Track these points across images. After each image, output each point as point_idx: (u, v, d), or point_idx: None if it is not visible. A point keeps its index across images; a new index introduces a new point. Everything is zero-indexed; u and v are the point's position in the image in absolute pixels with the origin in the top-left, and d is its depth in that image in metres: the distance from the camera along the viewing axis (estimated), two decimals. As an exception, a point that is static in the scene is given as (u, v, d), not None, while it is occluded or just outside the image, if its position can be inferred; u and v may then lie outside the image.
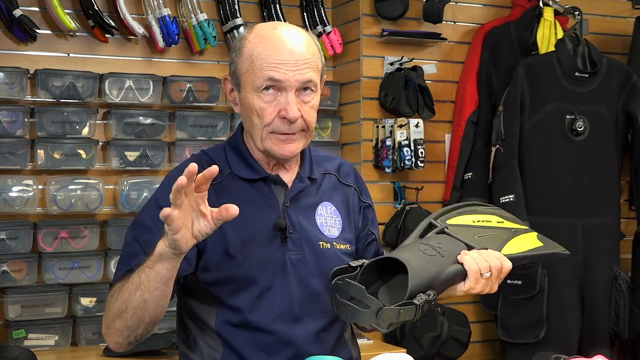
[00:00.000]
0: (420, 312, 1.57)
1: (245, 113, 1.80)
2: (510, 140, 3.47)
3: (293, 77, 1.73)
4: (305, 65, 1.74)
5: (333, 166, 1.96)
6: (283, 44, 1.74)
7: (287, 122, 1.74)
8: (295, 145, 1.78)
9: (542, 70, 3.50)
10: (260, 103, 1.74)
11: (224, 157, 1.85)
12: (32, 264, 3.12)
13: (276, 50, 1.73)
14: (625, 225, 3.73)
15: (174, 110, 3.37)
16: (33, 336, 3.10)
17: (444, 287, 1.68)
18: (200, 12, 3.37)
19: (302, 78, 1.74)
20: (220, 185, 1.78)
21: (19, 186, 3.11)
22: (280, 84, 1.73)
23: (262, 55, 1.73)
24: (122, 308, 1.70)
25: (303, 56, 1.74)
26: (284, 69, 1.72)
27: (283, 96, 1.74)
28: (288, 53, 1.73)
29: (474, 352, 3.71)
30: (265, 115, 1.74)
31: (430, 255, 1.66)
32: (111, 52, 3.34)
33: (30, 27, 3.12)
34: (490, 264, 1.72)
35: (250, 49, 1.76)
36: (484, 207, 1.98)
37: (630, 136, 3.63)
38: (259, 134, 1.77)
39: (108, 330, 1.77)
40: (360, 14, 3.57)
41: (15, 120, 3.11)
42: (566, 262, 3.44)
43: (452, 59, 3.76)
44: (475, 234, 1.80)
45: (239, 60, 1.79)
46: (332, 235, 1.86)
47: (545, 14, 3.61)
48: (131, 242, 1.76)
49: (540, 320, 3.39)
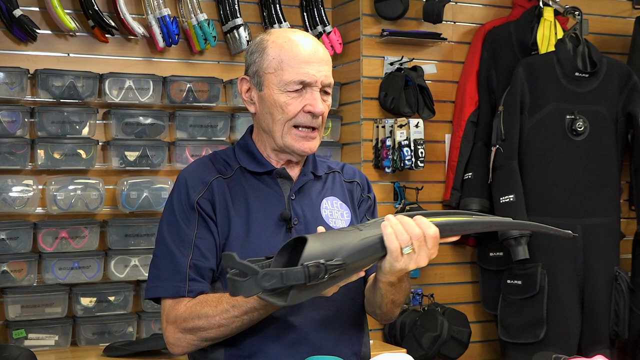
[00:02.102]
0: (316, 277, 1.48)
1: (265, 110, 1.90)
2: (510, 140, 3.47)
3: (319, 77, 1.86)
4: (327, 67, 1.89)
5: (337, 166, 2.07)
6: (307, 46, 1.88)
7: (311, 116, 1.86)
8: (314, 142, 1.90)
9: (542, 70, 3.50)
10: (286, 99, 1.86)
11: (233, 155, 1.96)
12: (32, 264, 3.12)
13: (302, 51, 1.87)
14: (625, 225, 3.73)
15: (174, 110, 3.37)
16: (33, 336, 3.10)
17: (360, 257, 1.58)
18: (200, 12, 3.37)
19: (326, 79, 1.88)
20: (230, 178, 1.90)
21: (19, 186, 3.11)
22: (308, 83, 1.85)
23: (290, 55, 1.86)
24: (222, 337, 1.79)
25: (324, 58, 1.89)
26: (311, 69, 1.85)
27: (308, 93, 1.86)
28: (313, 54, 1.87)
29: (474, 352, 3.71)
30: (290, 110, 1.86)
31: (346, 231, 1.62)
32: (111, 52, 3.35)
33: (30, 27, 3.12)
34: (411, 233, 1.63)
35: (277, 50, 1.88)
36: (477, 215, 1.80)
37: (630, 136, 3.63)
38: (280, 130, 1.88)
39: (186, 345, 1.84)
40: (360, 14, 3.57)
41: (15, 120, 3.11)
42: (566, 262, 3.45)
43: (452, 59, 3.77)
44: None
45: (262, 61, 1.89)
46: (338, 227, 1.91)
47: (545, 14, 3.61)
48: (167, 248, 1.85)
49: (540, 320, 3.39)
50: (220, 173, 1.90)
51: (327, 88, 1.89)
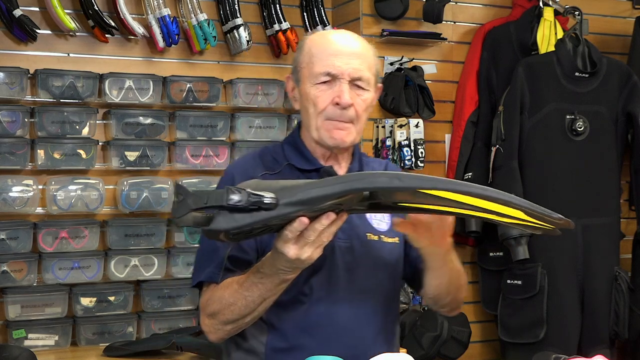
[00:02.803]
0: (237, 202, 1.47)
1: (303, 105, 1.93)
2: (510, 140, 3.47)
3: (346, 69, 1.86)
4: (358, 61, 1.88)
5: (381, 166, 2.07)
6: (340, 40, 1.91)
7: (340, 109, 1.87)
8: (345, 133, 1.89)
9: (542, 70, 3.50)
10: (316, 91, 1.88)
11: (281, 151, 1.97)
12: (32, 264, 3.12)
13: (333, 45, 1.90)
14: (625, 225, 3.73)
15: (174, 110, 3.37)
16: (33, 336, 3.10)
17: (299, 203, 1.51)
18: (200, 12, 3.37)
19: (355, 72, 1.87)
20: (278, 174, 1.91)
21: (19, 186, 3.11)
22: (334, 75, 1.87)
23: (320, 48, 1.90)
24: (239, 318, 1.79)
25: (357, 51, 1.90)
26: (338, 61, 1.87)
27: (337, 85, 1.87)
28: (344, 47, 1.89)
29: (474, 352, 3.71)
30: (319, 103, 1.88)
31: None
32: (111, 52, 3.34)
33: (30, 27, 3.12)
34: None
35: (310, 45, 1.93)
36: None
37: (630, 136, 3.63)
38: (315, 123, 1.89)
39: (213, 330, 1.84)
40: (360, 14, 3.57)
41: (15, 120, 3.11)
42: (566, 262, 3.45)
43: (452, 59, 3.76)
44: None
45: (299, 56, 1.95)
46: (381, 228, 1.94)
47: (545, 14, 3.61)
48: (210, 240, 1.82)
49: (540, 320, 3.39)
50: (267, 169, 1.91)
51: (359, 82, 1.88)
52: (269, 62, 3.62)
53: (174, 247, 3.34)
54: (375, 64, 1.95)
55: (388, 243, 1.94)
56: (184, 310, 3.34)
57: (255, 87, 3.49)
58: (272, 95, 3.52)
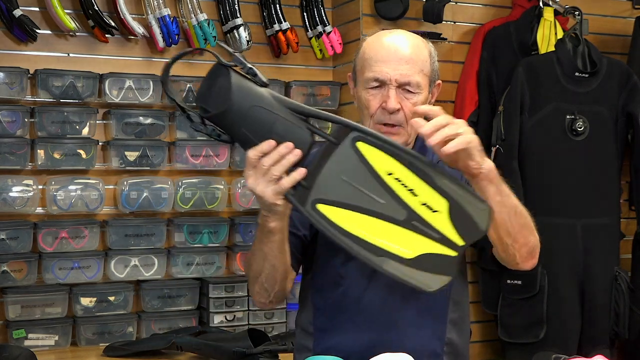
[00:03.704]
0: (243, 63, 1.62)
1: (359, 106, 2.04)
2: (510, 140, 3.47)
3: (393, 75, 1.93)
4: (406, 66, 1.94)
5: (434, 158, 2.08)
6: (390, 45, 1.97)
7: (387, 113, 1.93)
8: (395, 137, 1.93)
9: (542, 70, 3.50)
10: (367, 95, 1.97)
11: None
12: (32, 264, 3.12)
13: (382, 49, 1.96)
14: (625, 225, 3.73)
15: (174, 110, 3.37)
16: (33, 336, 3.10)
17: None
18: (200, 12, 3.37)
19: (402, 78, 1.93)
20: None
21: (19, 186, 3.12)
22: (382, 80, 1.94)
23: (372, 54, 1.97)
24: (256, 275, 1.89)
25: (405, 56, 1.95)
26: (386, 67, 1.93)
27: (385, 90, 1.94)
28: (392, 53, 1.95)
29: (474, 352, 3.71)
30: (370, 107, 1.96)
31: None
32: (111, 52, 3.34)
33: (30, 27, 3.12)
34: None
35: (365, 48, 2.01)
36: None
37: (630, 136, 3.63)
38: (368, 125, 1.96)
39: (253, 294, 1.97)
40: (360, 14, 3.57)
41: (15, 120, 3.11)
42: (566, 262, 3.45)
43: (452, 59, 3.76)
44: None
45: (356, 59, 2.04)
46: None
47: (545, 14, 3.61)
48: None
49: (540, 320, 3.39)
50: None
51: (408, 87, 1.93)
52: (269, 62, 3.62)
53: (174, 247, 3.35)
54: (431, 62, 2.00)
55: None
56: (184, 310, 3.34)
57: (255, 87, 3.48)
58: (272, 95, 3.52)
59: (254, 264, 1.87)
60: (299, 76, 3.63)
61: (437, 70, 2.06)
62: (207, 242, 3.37)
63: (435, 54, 2.05)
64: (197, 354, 3.00)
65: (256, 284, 1.90)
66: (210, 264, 3.38)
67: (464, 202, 1.60)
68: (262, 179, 1.62)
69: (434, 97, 2.08)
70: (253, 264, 1.88)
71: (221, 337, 3.08)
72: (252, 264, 1.88)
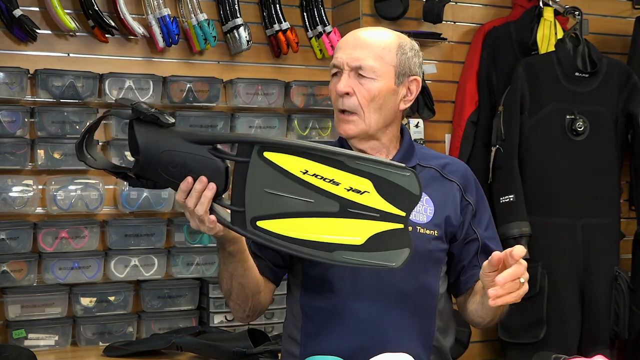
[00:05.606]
0: (140, 111, 1.61)
1: None
2: (510, 140, 3.47)
3: (346, 59, 1.90)
4: (360, 50, 1.90)
5: (438, 163, 2.06)
6: (351, 34, 1.95)
7: (342, 99, 1.91)
8: (350, 126, 1.92)
9: (542, 70, 3.50)
10: (330, 85, 1.96)
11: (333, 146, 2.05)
12: (32, 264, 3.12)
13: (344, 39, 1.96)
14: (625, 225, 3.73)
15: (174, 110, 3.37)
16: (33, 336, 3.10)
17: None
18: (200, 12, 3.37)
19: (352, 62, 1.89)
20: None
21: (19, 186, 3.11)
22: (337, 65, 1.93)
23: (338, 45, 1.97)
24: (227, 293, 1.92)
25: (360, 42, 1.91)
26: (341, 53, 1.92)
27: (339, 76, 1.92)
28: (350, 40, 1.93)
29: (474, 352, 3.71)
30: (332, 95, 1.95)
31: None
32: (111, 52, 3.34)
33: (30, 27, 3.12)
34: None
35: None
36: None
37: (630, 136, 3.63)
38: (335, 117, 1.96)
39: (230, 309, 2.01)
40: (360, 14, 3.57)
41: (15, 120, 3.11)
42: (566, 262, 3.45)
43: (452, 59, 3.76)
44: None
45: None
46: (419, 220, 1.93)
47: (545, 14, 3.61)
48: None
49: (540, 320, 3.40)
50: None
51: (361, 71, 1.89)
52: (269, 62, 3.62)
53: (174, 247, 3.34)
54: (400, 55, 1.93)
55: (426, 234, 1.94)
56: (184, 310, 3.34)
57: (255, 87, 3.49)
58: (272, 95, 3.52)
59: (223, 284, 1.89)
60: (299, 76, 3.63)
61: (414, 66, 1.98)
62: (207, 242, 3.37)
63: (414, 50, 1.99)
64: (197, 354, 3.00)
65: (230, 301, 1.93)
66: (210, 264, 3.38)
67: (386, 175, 1.60)
68: (195, 219, 1.65)
69: (413, 95, 2.01)
70: (223, 284, 1.90)
71: (221, 337, 3.08)
72: (222, 284, 1.90)
